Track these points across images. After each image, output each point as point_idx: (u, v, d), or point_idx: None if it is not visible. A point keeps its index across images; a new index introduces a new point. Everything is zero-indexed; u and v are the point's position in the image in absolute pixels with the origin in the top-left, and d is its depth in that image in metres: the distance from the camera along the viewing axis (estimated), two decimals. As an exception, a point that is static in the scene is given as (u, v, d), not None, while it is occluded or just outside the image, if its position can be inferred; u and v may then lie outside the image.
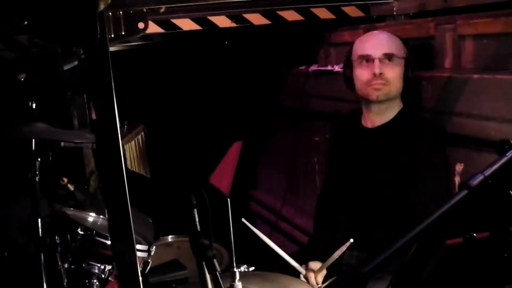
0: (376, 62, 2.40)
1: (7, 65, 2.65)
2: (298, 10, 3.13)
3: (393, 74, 2.40)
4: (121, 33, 1.31)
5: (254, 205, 4.51)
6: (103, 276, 2.26)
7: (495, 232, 1.35)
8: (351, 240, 2.19)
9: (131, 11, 1.30)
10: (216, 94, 3.96)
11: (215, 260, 1.54)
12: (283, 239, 3.95)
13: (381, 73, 2.38)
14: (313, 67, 3.47)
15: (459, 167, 2.40)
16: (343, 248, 2.23)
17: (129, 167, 3.14)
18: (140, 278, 1.31)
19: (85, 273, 2.25)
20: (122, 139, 1.28)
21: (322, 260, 2.40)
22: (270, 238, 2.59)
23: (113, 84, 1.25)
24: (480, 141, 2.30)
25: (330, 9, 3.20)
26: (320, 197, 2.76)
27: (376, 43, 2.45)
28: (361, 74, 2.44)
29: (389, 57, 2.40)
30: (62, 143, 2.49)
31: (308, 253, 2.57)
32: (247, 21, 3.03)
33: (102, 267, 2.26)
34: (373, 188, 2.42)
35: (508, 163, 1.26)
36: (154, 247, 2.44)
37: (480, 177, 1.25)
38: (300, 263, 2.42)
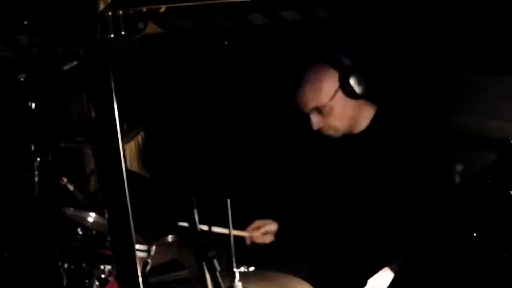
0: (312, 118, 2.39)
1: (7, 65, 2.65)
2: (298, 10, 3.13)
3: (331, 120, 2.37)
4: (121, 33, 1.31)
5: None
6: (103, 276, 2.26)
7: (496, 232, 1.35)
8: None
9: (131, 11, 1.30)
10: (216, 94, 3.96)
11: (215, 260, 1.54)
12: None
13: (320, 128, 2.39)
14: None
15: (459, 167, 2.40)
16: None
17: (129, 167, 3.14)
18: (140, 278, 1.31)
19: (85, 273, 2.25)
20: (122, 139, 1.27)
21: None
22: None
23: (113, 84, 1.25)
24: (480, 141, 2.30)
25: (330, 9, 3.20)
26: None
27: (301, 102, 2.42)
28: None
29: (318, 110, 2.37)
30: (62, 143, 2.50)
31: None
32: (247, 21, 3.03)
33: (102, 267, 2.26)
34: (357, 190, 2.40)
35: (508, 163, 1.26)
36: (154, 247, 2.44)
37: (480, 177, 1.25)
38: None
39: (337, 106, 2.36)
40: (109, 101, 1.25)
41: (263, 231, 2.56)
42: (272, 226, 2.58)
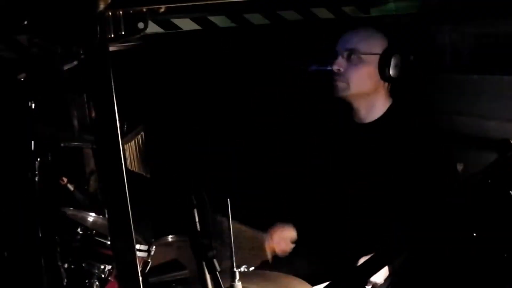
0: (339, 59, 2.39)
1: (7, 65, 2.65)
2: (298, 10, 3.13)
3: (353, 73, 2.37)
4: (121, 33, 1.31)
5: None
6: (103, 276, 2.26)
7: (496, 232, 1.35)
8: None
9: (131, 11, 1.30)
10: (216, 94, 3.96)
11: (215, 260, 1.54)
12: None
13: (338, 70, 2.38)
14: (313, 67, 3.47)
15: (459, 167, 2.40)
16: None
17: (129, 167, 3.14)
18: (140, 278, 1.31)
19: (85, 273, 2.25)
20: (122, 139, 1.27)
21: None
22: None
23: (113, 84, 1.25)
24: (480, 141, 2.31)
25: (330, 9, 3.20)
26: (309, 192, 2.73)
27: (344, 38, 2.43)
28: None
29: (350, 53, 2.37)
30: (62, 143, 2.49)
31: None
32: (247, 21, 3.03)
33: (102, 267, 2.26)
34: (365, 184, 2.40)
35: (508, 163, 1.26)
36: (154, 247, 2.44)
37: (480, 177, 1.25)
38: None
39: (366, 66, 2.36)
40: (109, 101, 1.25)
41: (287, 240, 2.54)
42: (292, 234, 2.56)
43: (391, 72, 2.34)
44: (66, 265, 2.26)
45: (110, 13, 1.27)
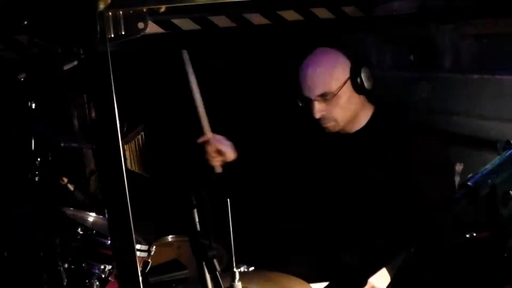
0: (315, 105, 2.33)
1: (7, 65, 2.65)
2: (298, 10, 3.13)
3: (337, 110, 2.32)
4: (121, 33, 1.31)
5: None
6: (103, 276, 2.26)
7: (495, 232, 1.35)
8: None
9: (131, 11, 1.30)
10: (216, 94, 3.96)
11: (215, 260, 1.54)
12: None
13: (322, 115, 2.34)
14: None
15: (459, 167, 2.40)
16: None
17: (129, 167, 3.15)
18: (140, 278, 1.31)
19: (85, 273, 2.25)
20: (122, 139, 1.27)
21: None
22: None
23: (113, 84, 1.25)
24: (480, 141, 2.31)
25: (330, 9, 3.20)
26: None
27: (309, 85, 2.34)
28: (311, 113, 2.37)
29: (324, 97, 2.31)
30: (62, 143, 2.50)
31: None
32: (247, 21, 3.03)
33: (102, 267, 2.26)
34: (358, 192, 2.38)
35: (508, 163, 1.26)
36: (154, 247, 2.44)
37: (479, 177, 1.24)
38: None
39: (343, 97, 2.31)
40: (109, 101, 1.25)
41: (220, 148, 2.53)
42: (230, 151, 2.54)
43: (367, 85, 2.31)
44: (66, 265, 2.27)
45: (110, 13, 1.27)
